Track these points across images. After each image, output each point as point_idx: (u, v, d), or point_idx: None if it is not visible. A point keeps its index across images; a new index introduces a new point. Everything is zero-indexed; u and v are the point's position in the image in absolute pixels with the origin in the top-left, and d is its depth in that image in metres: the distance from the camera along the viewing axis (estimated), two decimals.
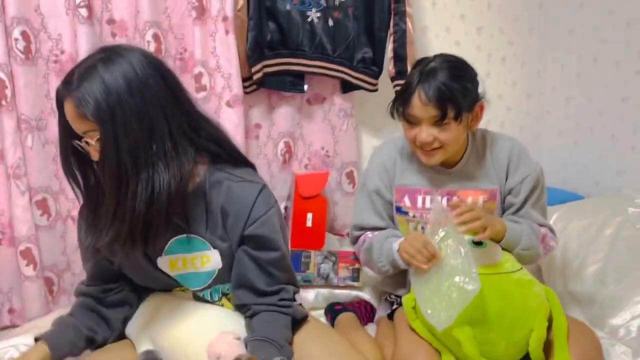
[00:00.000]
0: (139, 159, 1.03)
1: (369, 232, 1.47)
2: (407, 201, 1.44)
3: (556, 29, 2.36)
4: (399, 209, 1.45)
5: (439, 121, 1.27)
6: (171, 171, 1.06)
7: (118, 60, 1.02)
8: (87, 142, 1.04)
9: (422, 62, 1.34)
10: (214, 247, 1.17)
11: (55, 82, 1.60)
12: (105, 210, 1.07)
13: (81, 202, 1.18)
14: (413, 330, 1.29)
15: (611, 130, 2.14)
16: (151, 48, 1.71)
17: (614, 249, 1.67)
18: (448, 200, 1.41)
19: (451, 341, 1.23)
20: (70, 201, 1.69)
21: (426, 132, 1.29)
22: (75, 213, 1.68)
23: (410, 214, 1.43)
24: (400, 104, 1.32)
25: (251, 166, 1.25)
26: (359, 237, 1.51)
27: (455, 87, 1.26)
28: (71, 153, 1.10)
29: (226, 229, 1.16)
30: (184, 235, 1.16)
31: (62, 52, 1.63)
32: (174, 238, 1.16)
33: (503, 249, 1.32)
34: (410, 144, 1.37)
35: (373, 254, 1.41)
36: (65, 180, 1.66)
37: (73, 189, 1.15)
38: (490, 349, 1.21)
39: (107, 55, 1.04)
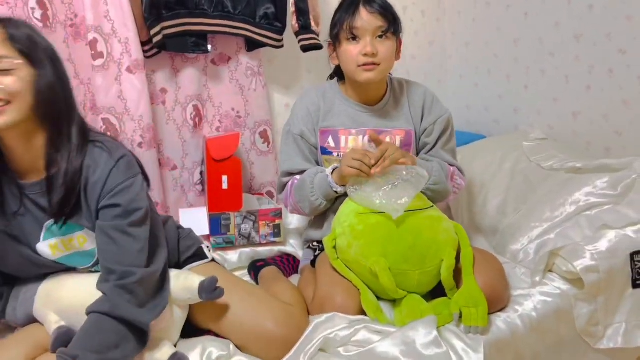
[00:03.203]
0: (71, 111, 1.11)
1: (297, 176, 1.52)
2: (331, 142, 1.51)
3: None
4: (324, 150, 1.52)
5: (382, 33, 1.40)
6: (85, 147, 1.13)
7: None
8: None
9: None
10: (85, 227, 1.16)
11: None
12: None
13: None
14: (334, 270, 1.36)
15: (506, 71, 2.27)
16: (37, 15, 1.60)
17: (513, 182, 1.82)
18: (369, 140, 1.49)
19: (369, 276, 1.31)
20: None
21: (370, 44, 1.40)
22: None
23: (335, 154, 1.50)
24: (345, 18, 1.41)
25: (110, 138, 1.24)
26: (286, 183, 1.54)
27: (392, 8, 1.43)
28: None
29: (88, 204, 1.14)
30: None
31: None
32: (46, 222, 1.16)
33: None
34: (350, 65, 1.44)
35: (305, 189, 1.46)
36: None
37: None
38: (404, 280, 1.30)
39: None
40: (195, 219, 1.76)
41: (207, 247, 1.43)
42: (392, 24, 1.41)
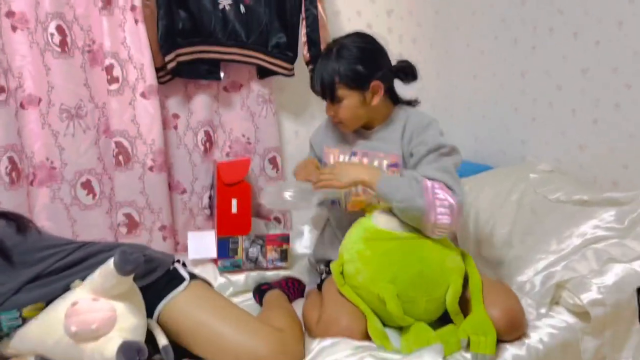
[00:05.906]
0: None
1: None
2: (331, 160, 1.63)
3: (460, 11, 2.49)
4: (325, 165, 1.63)
5: (332, 102, 1.52)
6: None
7: None
8: None
9: (330, 43, 1.57)
10: None
11: None
12: None
13: None
14: (340, 294, 1.37)
15: (514, 103, 2.30)
16: (55, 40, 1.65)
17: (519, 213, 1.82)
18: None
19: (376, 302, 1.31)
20: None
21: (329, 109, 1.56)
22: None
23: None
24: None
25: None
26: None
27: (342, 73, 1.46)
28: None
29: None
30: None
31: None
32: None
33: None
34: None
35: None
36: None
37: None
38: (412, 307, 1.31)
39: None
40: (203, 242, 1.78)
41: (179, 261, 1.36)
42: (333, 97, 1.49)
